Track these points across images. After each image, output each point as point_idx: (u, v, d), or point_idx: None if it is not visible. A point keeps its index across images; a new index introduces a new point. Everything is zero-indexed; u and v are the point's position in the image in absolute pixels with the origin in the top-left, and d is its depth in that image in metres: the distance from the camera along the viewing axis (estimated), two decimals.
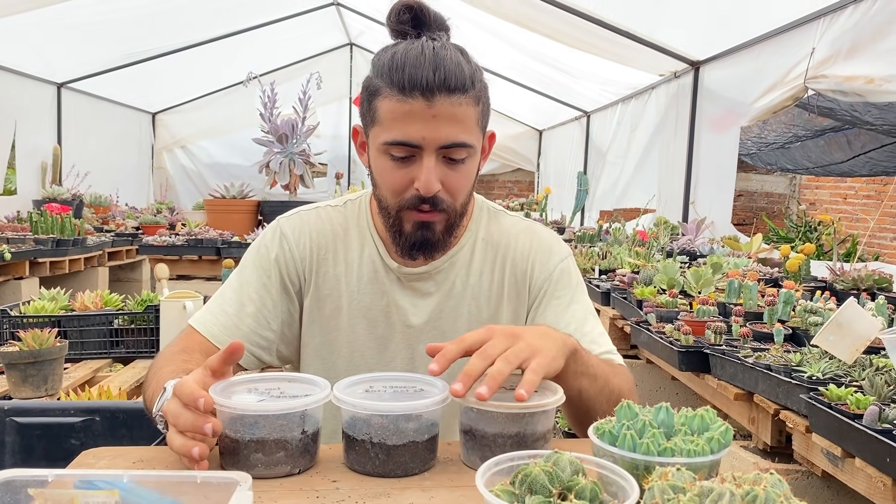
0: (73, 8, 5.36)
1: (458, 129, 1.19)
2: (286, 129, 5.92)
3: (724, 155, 5.10)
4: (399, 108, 1.18)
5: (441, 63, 1.16)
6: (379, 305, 1.35)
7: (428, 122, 1.17)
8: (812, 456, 1.90)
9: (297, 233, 1.37)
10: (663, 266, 3.35)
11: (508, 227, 1.42)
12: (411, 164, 1.21)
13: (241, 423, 0.94)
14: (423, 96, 1.16)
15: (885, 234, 8.23)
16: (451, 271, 1.36)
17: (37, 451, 1.44)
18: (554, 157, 9.53)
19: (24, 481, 0.76)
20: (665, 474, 0.71)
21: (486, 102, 1.27)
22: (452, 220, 1.27)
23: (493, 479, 0.78)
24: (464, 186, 1.26)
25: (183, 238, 5.50)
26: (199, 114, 9.45)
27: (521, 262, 1.38)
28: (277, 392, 1.02)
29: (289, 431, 0.95)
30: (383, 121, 1.21)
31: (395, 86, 1.17)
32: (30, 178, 6.76)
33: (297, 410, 0.95)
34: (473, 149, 1.23)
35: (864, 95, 3.60)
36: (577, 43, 5.74)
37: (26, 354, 2.22)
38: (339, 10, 8.04)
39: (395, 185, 1.23)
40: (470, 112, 1.21)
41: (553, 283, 1.37)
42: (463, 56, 1.21)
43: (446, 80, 1.16)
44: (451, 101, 1.17)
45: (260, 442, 0.94)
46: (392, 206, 1.26)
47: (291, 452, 0.96)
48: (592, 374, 1.15)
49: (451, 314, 1.36)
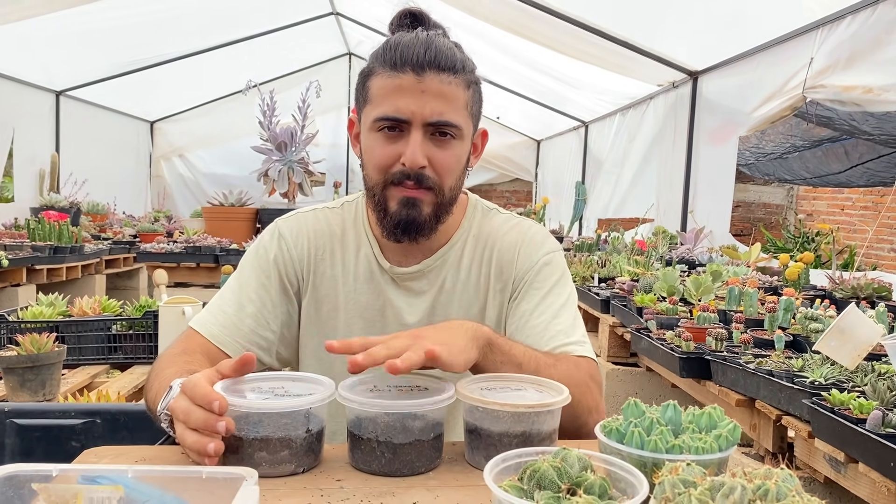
0: (73, 16, 5.37)
1: (446, 106, 1.21)
2: (285, 137, 5.93)
3: (723, 165, 5.12)
4: (390, 83, 1.21)
5: (433, 43, 1.21)
6: (375, 305, 1.36)
7: (417, 97, 1.20)
8: (814, 462, 1.89)
9: (295, 234, 1.38)
10: (663, 274, 3.35)
11: (500, 223, 1.42)
12: (399, 140, 1.23)
13: (245, 421, 0.93)
14: (413, 71, 1.19)
15: (883, 245, 8.25)
16: (442, 269, 1.37)
17: (37, 454, 1.43)
18: (552, 166, 9.54)
19: (27, 476, 0.75)
20: (675, 469, 0.70)
21: (477, 93, 1.29)
22: (440, 200, 1.27)
23: (500, 475, 0.78)
24: (451, 167, 1.26)
25: (181, 245, 5.49)
26: (198, 122, 9.46)
27: (508, 255, 1.38)
28: (282, 391, 1.02)
29: (293, 430, 0.95)
30: (374, 98, 1.24)
31: (388, 63, 1.21)
32: (27, 186, 6.75)
33: (301, 409, 0.95)
34: (461, 130, 1.25)
35: (862, 105, 3.61)
36: (576, 53, 5.77)
37: (24, 359, 2.20)
38: (339, 19, 8.07)
39: (382, 159, 1.24)
40: (459, 93, 1.23)
41: (535, 275, 1.36)
42: (457, 47, 1.26)
43: (437, 57, 1.20)
44: (440, 79, 1.20)
45: (264, 440, 0.93)
46: (378, 183, 1.27)
47: (296, 451, 0.95)
48: (517, 362, 1.15)
49: (443, 311, 1.36)
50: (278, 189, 5.98)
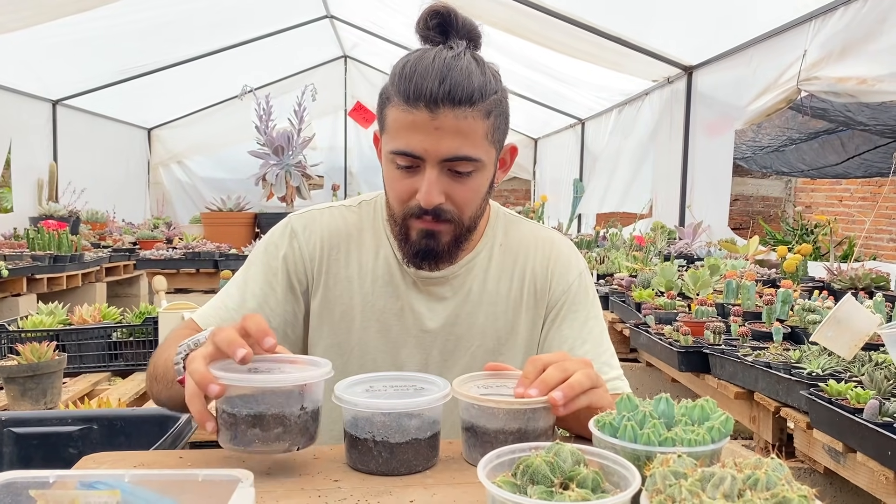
0: (68, 25, 5.37)
1: (462, 142, 1.16)
2: (282, 141, 5.94)
3: (720, 159, 5.12)
4: (403, 118, 1.16)
5: (449, 74, 1.13)
6: (393, 309, 1.33)
7: (430, 135, 1.15)
8: (813, 452, 1.90)
9: (308, 231, 1.34)
10: (661, 268, 3.36)
11: (527, 233, 1.40)
12: (415, 175, 1.19)
13: (238, 397, 0.93)
14: (426, 108, 1.13)
15: (882, 236, 8.26)
16: (468, 276, 1.34)
17: (35, 462, 1.43)
18: (549, 164, 9.55)
19: (25, 483, 0.75)
20: (666, 461, 0.71)
21: (499, 115, 1.22)
22: (459, 231, 1.25)
23: (494, 471, 0.78)
24: (470, 200, 1.23)
25: (180, 252, 5.49)
26: (195, 129, 9.46)
27: (541, 272, 1.36)
28: (279, 372, 1.00)
29: (287, 407, 0.94)
30: (390, 129, 1.20)
31: (402, 95, 1.15)
32: (26, 196, 6.75)
33: (296, 385, 0.94)
34: (480, 163, 1.20)
35: (856, 96, 3.62)
36: (571, 50, 5.77)
37: (25, 368, 2.21)
38: (333, 22, 8.06)
39: (401, 193, 1.22)
40: (477, 126, 1.17)
41: (571, 297, 1.35)
42: (478, 67, 1.18)
43: (451, 92, 1.13)
44: (455, 114, 1.14)
45: (258, 417, 0.93)
46: (398, 214, 1.25)
47: (290, 428, 0.95)
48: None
49: (467, 320, 1.34)
50: (276, 193, 6.00)
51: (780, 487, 0.65)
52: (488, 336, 1.34)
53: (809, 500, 0.64)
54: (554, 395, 0.96)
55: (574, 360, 1.03)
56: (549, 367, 1.00)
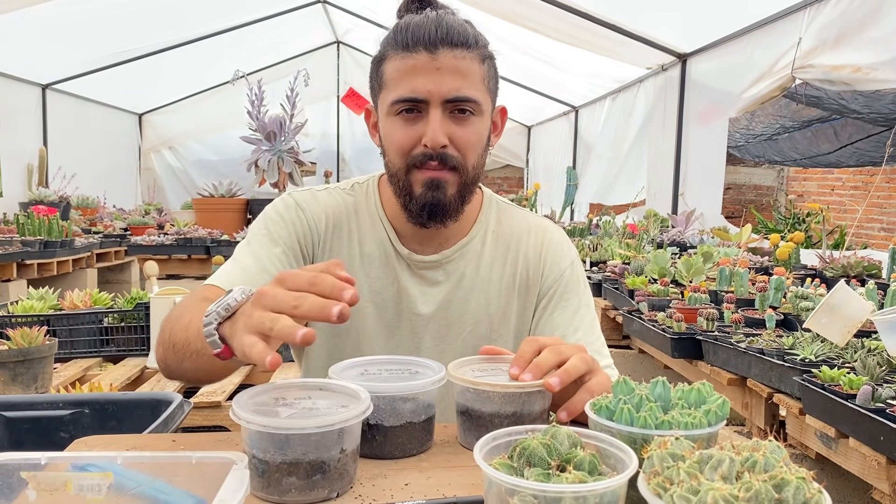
0: (57, 7, 5.31)
1: (462, 82, 1.19)
2: (274, 127, 5.90)
3: (713, 147, 5.13)
4: (404, 64, 1.19)
5: (443, 21, 1.19)
6: (389, 291, 1.32)
7: (432, 75, 1.18)
8: (806, 438, 1.90)
9: (312, 206, 1.33)
10: (654, 256, 3.36)
11: (520, 221, 1.40)
12: (418, 122, 1.20)
13: (270, 442, 0.83)
14: (426, 49, 1.17)
15: (873, 225, 8.29)
16: (461, 261, 1.34)
17: (26, 446, 1.42)
18: (543, 152, 9.54)
19: (16, 465, 0.74)
20: (664, 443, 0.70)
21: (492, 68, 1.26)
22: (464, 180, 1.24)
23: (490, 454, 0.78)
24: (473, 144, 1.23)
25: (172, 237, 5.47)
26: (186, 114, 9.41)
27: (534, 259, 1.37)
28: (310, 403, 0.92)
29: (325, 451, 0.84)
30: (389, 82, 1.22)
31: (400, 45, 1.19)
32: (15, 181, 6.70)
33: (334, 428, 0.84)
34: (480, 105, 1.22)
35: (851, 84, 3.62)
36: (564, 37, 5.75)
37: (15, 353, 2.19)
38: (326, 7, 8.01)
39: (403, 143, 1.21)
40: (475, 67, 1.21)
41: (563, 285, 1.36)
42: (468, 23, 1.24)
43: (449, 33, 1.18)
44: (454, 54, 1.18)
45: (293, 465, 0.84)
46: (400, 168, 1.23)
47: (329, 475, 0.85)
48: None
49: (459, 305, 1.34)
50: (268, 179, 5.96)
51: (779, 469, 0.65)
52: (481, 322, 1.34)
53: (808, 482, 0.64)
54: (550, 381, 0.96)
55: (569, 345, 1.02)
56: (544, 350, 1.00)
